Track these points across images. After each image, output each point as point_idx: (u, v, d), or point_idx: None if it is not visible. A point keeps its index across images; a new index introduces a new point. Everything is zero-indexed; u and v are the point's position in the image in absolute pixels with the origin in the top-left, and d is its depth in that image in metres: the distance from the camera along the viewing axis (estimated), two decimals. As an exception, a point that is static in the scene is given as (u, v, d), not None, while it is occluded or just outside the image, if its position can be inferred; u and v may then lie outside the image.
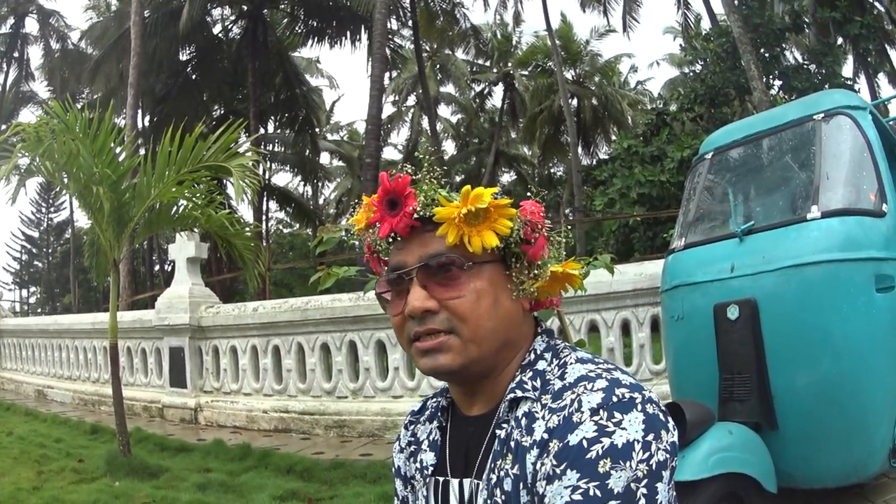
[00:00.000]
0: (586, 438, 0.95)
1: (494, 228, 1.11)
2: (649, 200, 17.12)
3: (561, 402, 1.03)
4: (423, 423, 1.33)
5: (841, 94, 4.28)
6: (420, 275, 1.13)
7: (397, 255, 1.18)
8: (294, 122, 29.16)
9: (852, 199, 3.61)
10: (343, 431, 7.88)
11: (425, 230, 1.14)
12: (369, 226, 1.21)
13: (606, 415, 0.97)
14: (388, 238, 1.18)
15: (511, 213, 1.13)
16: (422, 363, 1.14)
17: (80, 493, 5.51)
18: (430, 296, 1.12)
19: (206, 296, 10.01)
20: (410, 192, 1.15)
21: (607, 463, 0.92)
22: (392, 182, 1.15)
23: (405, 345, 1.18)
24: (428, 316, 1.11)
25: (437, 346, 1.11)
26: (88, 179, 6.39)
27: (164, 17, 23.55)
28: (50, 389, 12.83)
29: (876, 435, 3.46)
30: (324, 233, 3.23)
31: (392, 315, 1.19)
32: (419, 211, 1.14)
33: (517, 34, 38.10)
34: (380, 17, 16.66)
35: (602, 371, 1.05)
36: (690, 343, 3.98)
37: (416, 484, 1.26)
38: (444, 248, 1.12)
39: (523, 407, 1.10)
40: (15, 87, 35.15)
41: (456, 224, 1.10)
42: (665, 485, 0.95)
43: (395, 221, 1.14)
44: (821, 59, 17.84)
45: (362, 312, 7.85)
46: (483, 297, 1.12)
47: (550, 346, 1.19)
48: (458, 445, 1.22)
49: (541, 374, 1.12)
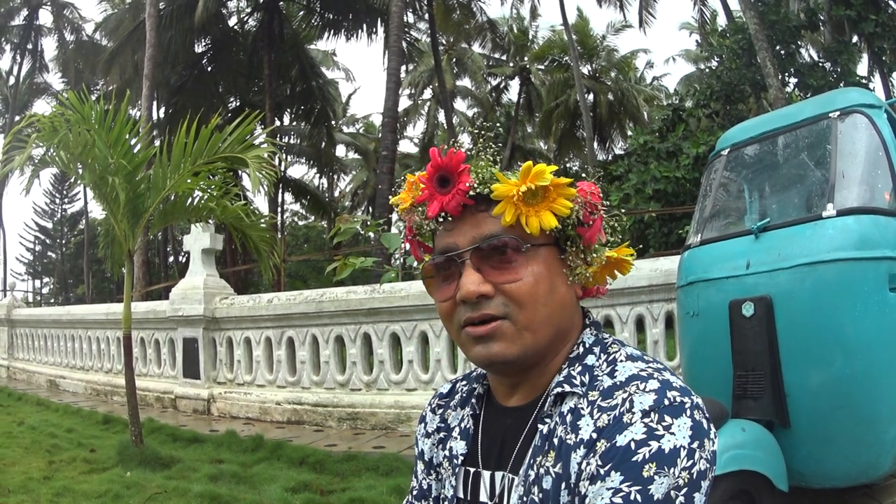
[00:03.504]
0: (634, 440, 0.92)
1: (553, 209, 1.06)
2: (665, 196, 17.07)
3: (612, 401, 0.99)
4: (454, 408, 1.27)
5: (857, 92, 4.25)
6: (474, 257, 1.07)
7: (446, 237, 1.11)
8: (310, 114, 29.24)
9: (867, 198, 3.59)
10: (356, 424, 7.91)
11: (478, 210, 1.09)
12: (416, 205, 1.15)
13: (657, 417, 0.94)
14: (437, 218, 1.10)
15: (571, 192, 1.08)
16: (475, 351, 1.09)
17: (91, 483, 5.54)
18: (484, 279, 1.06)
19: (220, 287, 10.05)
20: (465, 169, 1.09)
21: (653, 467, 0.90)
22: (445, 157, 1.09)
23: (454, 332, 1.12)
24: (483, 301, 1.06)
25: (491, 331, 1.06)
26: (103, 170, 6.42)
27: (179, 9, 23.65)
28: (62, 380, 12.92)
29: (887, 435, 3.45)
30: (341, 223, 3.25)
31: (440, 301, 1.13)
32: (475, 188, 1.07)
33: (533, 28, 38.02)
34: (396, 10, 16.69)
35: (653, 371, 1.02)
36: (705, 339, 3.97)
37: (444, 472, 1.21)
38: (499, 229, 1.06)
39: (569, 403, 1.05)
40: (29, 78, 35.42)
41: (514, 203, 1.05)
42: (702, 495, 0.93)
43: (447, 199, 1.08)
44: (836, 57, 17.75)
45: (377, 305, 7.88)
46: (540, 282, 1.07)
47: (599, 339, 1.13)
48: (492, 436, 1.17)
49: (589, 370, 1.07)
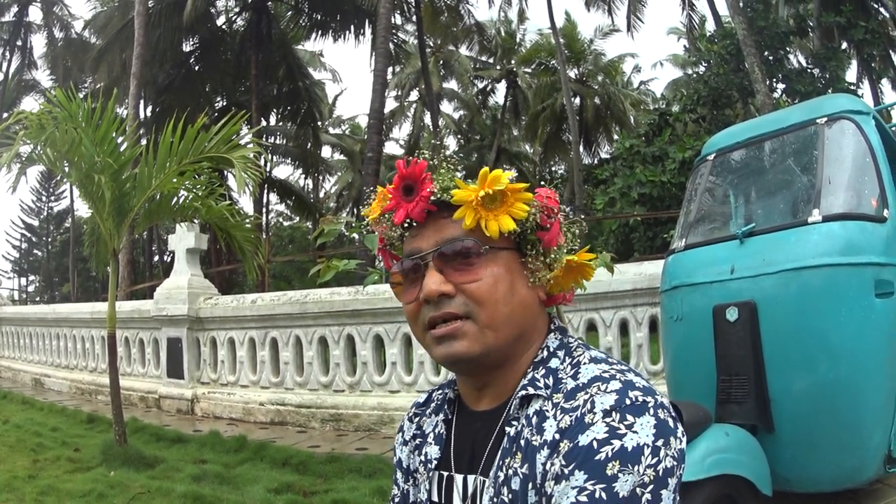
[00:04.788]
0: (597, 440, 0.94)
1: (511, 213, 1.10)
2: (650, 200, 17.14)
3: (574, 403, 1.01)
4: (429, 415, 1.30)
5: (845, 98, 4.27)
6: (436, 260, 1.11)
7: (412, 242, 1.16)
8: (296, 115, 29.13)
9: (854, 204, 3.61)
10: (339, 425, 7.88)
11: (441, 216, 1.13)
12: (384, 214, 1.19)
13: (618, 417, 0.95)
14: (403, 225, 1.15)
15: (527, 197, 1.12)
16: (437, 351, 1.13)
17: (75, 482, 5.52)
18: (446, 280, 1.10)
19: (204, 287, 10.00)
20: (427, 177, 1.13)
21: (616, 465, 0.92)
22: (409, 168, 1.14)
23: (420, 334, 1.17)
24: (444, 300, 1.10)
25: (453, 331, 1.09)
26: (90, 168, 6.38)
27: (167, 8, 23.53)
28: (47, 378, 12.84)
29: (871, 440, 3.47)
30: (325, 224, 3.23)
31: (405, 303, 1.17)
32: (436, 194, 1.12)
33: (521, 31, 38.10)
34: (384, 12, 16.66)
35: (616, 372, 1.04)
36: (689, 344, 3.98)
37: (419, 477, 1.24)
38: (460, 233, 1.11)
39: (534, 405, 1.08)
40: (17, 75, 35.08)
41: (473, 207, 1.09)
42: (670, 492, 0.94)
43: (412, 206, 1.13)
44: (825, 63, 17.83)
45: (361, 306, 7.86)
46: (500, 282, 1.10)
47: (563, 343, 1.17)
48: (463, 440, 1.20)
49: (553, 373, 1.10)
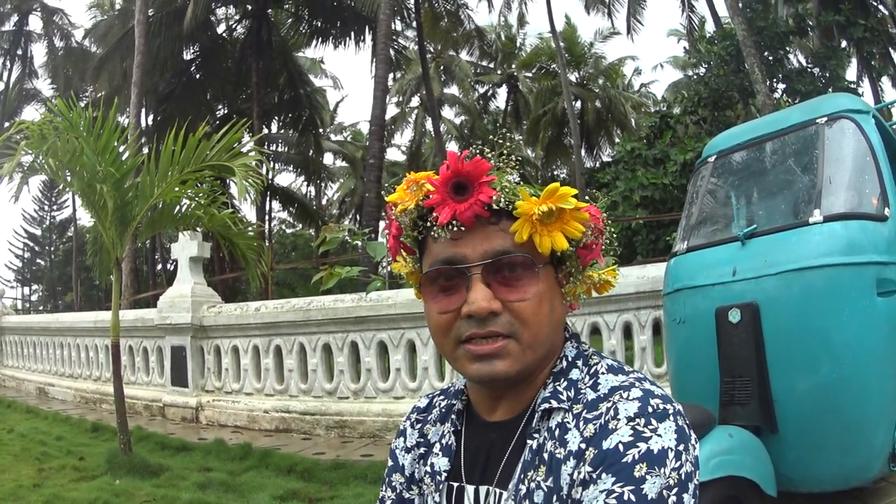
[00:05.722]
0: (622, 443, 0.93)
1: (565, 230, 1.05)
2: (652, 203, 17.14)
3: (596, 412, 0.99)
4: (433, 423, 1.25)
5: (844, 97, 4.26)
6: (484, 272, 1.04)
7: (452, 247, 1.06)
8: (297, 122, 29.18)
9: (855, 203, 3.61)
10: (344, 432, 7.88)
11: (489, 222, 1.05)
12: (424, 207, 1.09)
13: (643, 422, 0.95)
14: (446, 226, 1.05)
15: (584, 216, 1.07)
16: (473, 368, 1.06)
17: (80, 491, 5.52)
18: (494, 296, 1.03)
19: (208, 295, 10.01)
20: (489, 180, 1.05)
21: (643, 468, 0.91)
22: (468, 164, 1.04)
23: (449, 346, 1.09)
24: (490, 318, 1.03)
25: (497, 350, 1.03)
26: (92, 178, 6.40)
27: (168, 17, 23.61)
28: (51, 387, 12.85)
29: (875, 439, 3.46)
30: (327, 232, 3.23)
31: (438, 312, 1.08)
32: (498, 202, 1.03)
33: (521, 36, 38.15)
34: (384, 18, 16.70)
35: (634, 380, 1.03)
36: (692, 346, 3.98)
37: (426, 488, 1.19)
38: (510, 245, 1.04)
39: (556, 418, 1.04)
40: (18, 84, 35.15)
41: (531, 221, 1.03)
42: (691, 497, 0.94)
43: (463, 208, 1.03)
44: (824, 62, 17.82)
45: (364, 313, 7.87)
46: (544, 301, 1.06)
47: (581, 352, 1.13)
48: (476, 451, 1.15)
49: (574, 384, 1.07)
